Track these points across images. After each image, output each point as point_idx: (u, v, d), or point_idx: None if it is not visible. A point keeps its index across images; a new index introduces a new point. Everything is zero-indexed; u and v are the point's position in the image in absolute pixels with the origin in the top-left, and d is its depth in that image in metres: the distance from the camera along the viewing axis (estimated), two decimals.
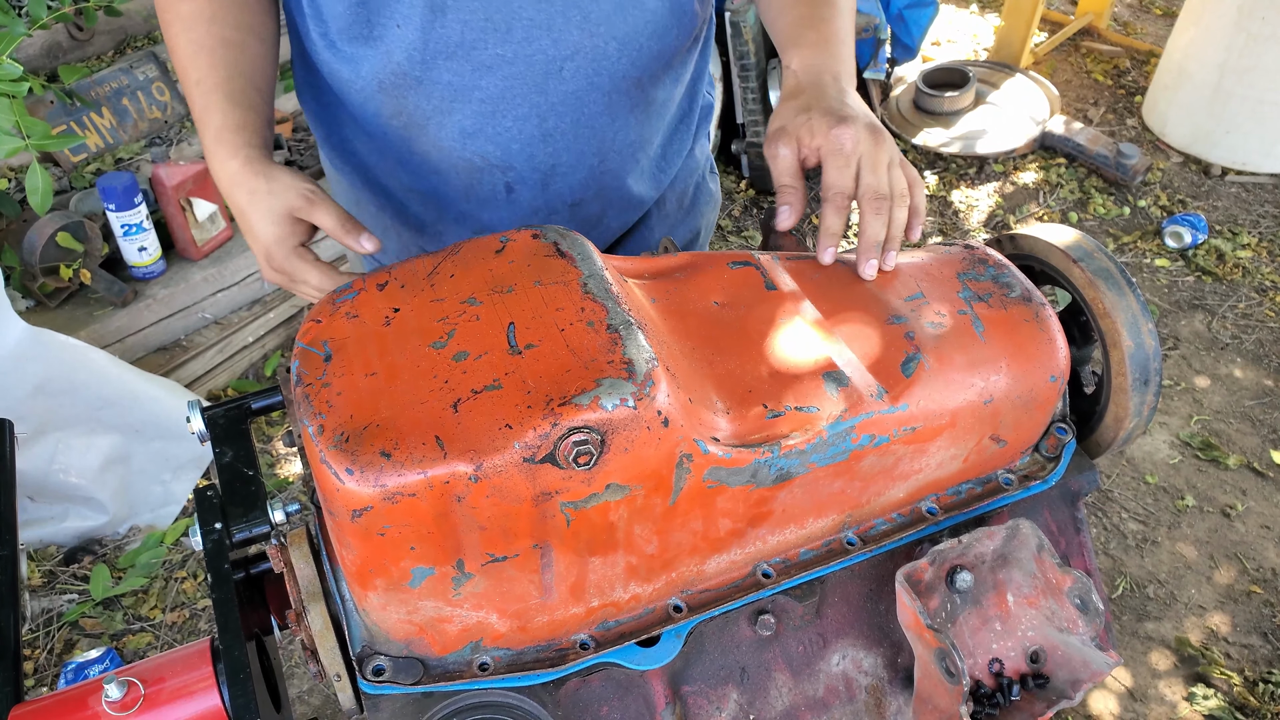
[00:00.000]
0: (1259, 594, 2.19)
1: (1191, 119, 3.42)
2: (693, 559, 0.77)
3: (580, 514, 0.68)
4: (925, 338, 0.81)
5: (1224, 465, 2.47)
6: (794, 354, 0.78)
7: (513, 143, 1.03)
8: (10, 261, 2.27)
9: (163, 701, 0.77)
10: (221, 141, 0.95)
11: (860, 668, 0.85)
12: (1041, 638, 0.82)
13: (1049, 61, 3.97)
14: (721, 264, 0.87)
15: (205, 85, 0.97)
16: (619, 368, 0.67)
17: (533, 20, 0.95)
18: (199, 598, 2.14)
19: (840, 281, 0.88)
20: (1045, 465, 0.90)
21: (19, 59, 2.34)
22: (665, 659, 0.77)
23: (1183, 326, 2.87)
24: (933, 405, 0.79)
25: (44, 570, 2.14)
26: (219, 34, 0.98)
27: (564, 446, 0.64)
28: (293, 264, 0.95)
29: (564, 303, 0.72)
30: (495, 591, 0.71)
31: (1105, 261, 0.89)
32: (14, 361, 1.89)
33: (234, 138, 0.95)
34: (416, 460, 0.63)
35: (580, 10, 0.95)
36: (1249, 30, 3.13)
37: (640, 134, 1.11)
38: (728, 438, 0.72)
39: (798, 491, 0.77)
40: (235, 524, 0.85)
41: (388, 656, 0.74)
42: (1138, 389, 0.87)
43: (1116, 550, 2.29)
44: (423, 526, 0.65)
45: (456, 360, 0.69)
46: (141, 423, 2.14)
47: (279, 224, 0.94)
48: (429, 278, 0.76)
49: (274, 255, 0.95)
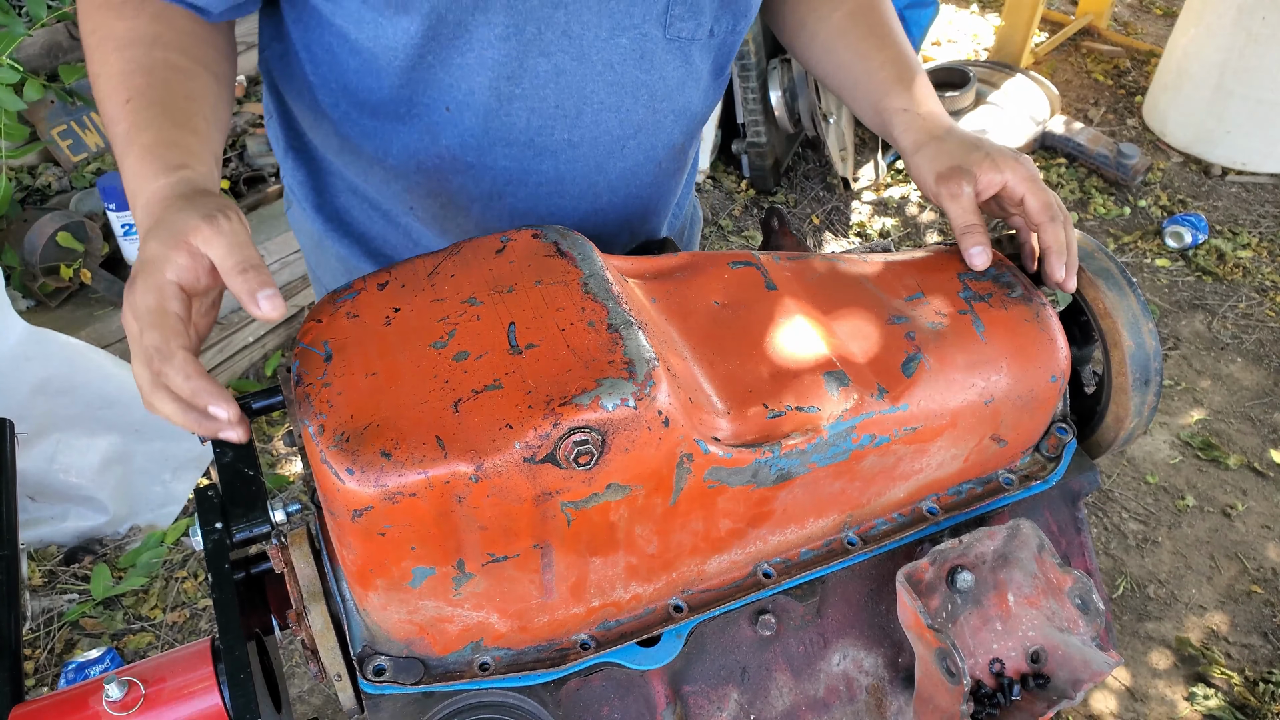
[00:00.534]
0: (1259, 594, 2.19)
1: (1192, 119, 3.42)
2: (693, 559, 0.77)
3: (581, 514, 0.68)
4: (926, 337, 0.81)
5: (1224, 465, 2.47)
6: (794, 353, 0.78)
7: (564, 220, 0.99)
8: (10, 261, 2.27)
9: (163, 702, 0.77)
10: (150, 157, 0.74)
11: (861, 668, 0.85)
12: (1042, 637, 0.82)
13: (1049, 61, 3.97)
14: (722, 264, 0.86)
15: (138, 103, 0.77)
16: (620, 367, 0.66)
17: (603, 103, 0.92)
18: (199, 598, 2.14)
19: (840, 282, 0.88)
20: (1046, 465, 0.90)
21: (19, 59, 2.34)
22: (666, 659, 0.77)
23: (1183, 326, 2.87)
24: (933, 405, 0.79)
25: (44, 570, 2.14)
26: (163, 58, 0.80)
27: (564, 446, 0.64)
28: (161, 344, 0.64)
29: (564, 302, 0.72)
30: (496, 591, 0.71)
31: (1105, 261, 0.89)
32: (14, 361, 1.89)
33: (168, 154, 0.74)
34: (417, 460, 0.63)
35: (648, 89, 0.93)
36: (1249, 30, 3.12)
37: (676, 190, 1.12)
38: (728, 437, 0.72)
39: (798, 491, 0.77)
40: (236, 524, 0.85)
41: (388, 656, 0.74)
42: (1138, 389, 0.87)
43: (1117, 550, 2.29)
44: (423, 526, 0.65)
45: (457, 360, 0.68)
46: (142, 422, 2.14)
47: (164, 263, 0.66)
48: (429, 277, 0.76)
49: (142, 319, 0.65)
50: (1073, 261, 0.86)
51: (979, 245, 0.87)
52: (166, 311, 0.65)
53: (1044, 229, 0.86)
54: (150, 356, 0.64)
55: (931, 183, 0.90)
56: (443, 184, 0.96)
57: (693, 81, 0.97)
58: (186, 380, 0.64)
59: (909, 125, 0.96)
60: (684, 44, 0.93)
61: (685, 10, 0.89)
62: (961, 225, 0.87)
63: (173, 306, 0.66)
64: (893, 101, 0.98)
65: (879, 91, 1.00)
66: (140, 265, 0.67)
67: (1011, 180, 0.87)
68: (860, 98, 1.03)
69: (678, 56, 0.93)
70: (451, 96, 0.88)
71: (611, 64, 0.89)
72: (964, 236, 0.87)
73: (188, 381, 0.64)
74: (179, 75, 0.81)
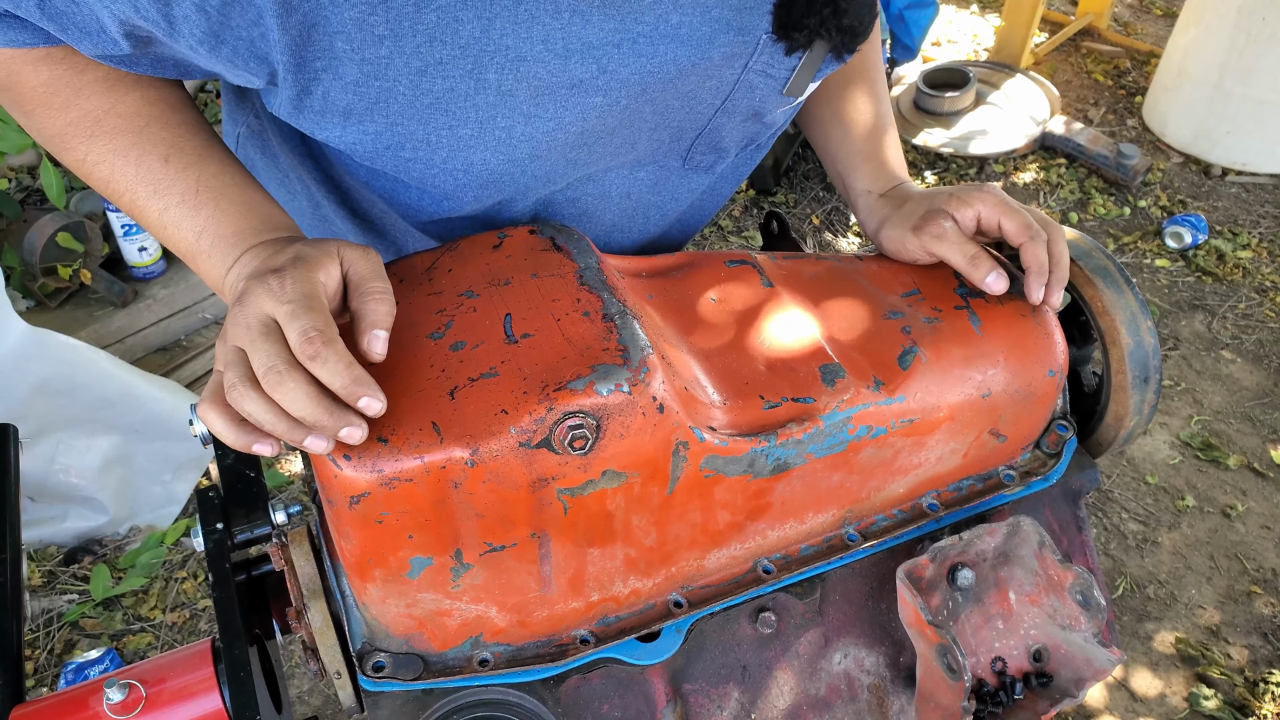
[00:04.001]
0: (1259, 594, 2.19)
1: (1192, 119, 3.42)
2: (692, 553, 0.77)
3: (577, 501, 0.68)
4: (922, 332, 0.81)
5: (1224, 465, 2.47)
6: (790, 347, 0.79)
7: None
8: (10, 261, 2.27)
9: (164, 703, 0.77)
10: (242, 229, 0.72)
11: (862, 666, 0.85)
12: (1044, 635, 0.82)
13: (1049, 62, 3.97)
14: (719, 262, 0.87)
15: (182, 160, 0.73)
16: (614, 354, 0.67)
17: (613, 225, 0.91)
18: (199, 598, 2.14)
19: (837, 279, 0.88)
20: (1046, 462, 0.90)
21: None
22: (666, 654, 0.77)
23: (1183, 327, 2.87)
24: (930, 398, 0.79)
25: (44, 570, 2.14)
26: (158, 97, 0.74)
27: (559, 431, 0.64)
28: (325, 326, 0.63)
29: (560, 294, 0.72)
30: (494, 583, 0.71)
31: (1103, 260, 0.89)
32: (14, 362, 1.88)
33: (260, 213, 0.73)
34: (413, 446, 0.63)
35: (659, 210, 0.92)
36: (1249, 30, 3.12)
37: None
38: (724, 427, 0.72)
39: (796, 484, 0.77)
40: (237, 524, 0.85)
41: (387, 653, 0.74)
42: (1137, 387, 0.87)
43: (1117, 550, 2.29)
44: (420, 514, 0.65)
45: (454, 350, 0.69)
46: (142, 423, 2.14)
47: (316, 265, 0.66)
48: (427, 273, 0.77)
49: (296, 303, 0.63)
50: (1057, 279, 0.83)
51: (992, 271, 0.83)
52: (321, 299, 0.63)
53: (1024, 250, 0.84)
54: (310, 337, 0.61)
55: (910, 244, 0.89)
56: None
57: (709, 196, 0.97)
58: (349, 367, 0.61)
59: (871, 210, 0.96)
60: (703, 171, 0.91)
61: (707, 147, 0.87)
62: (965, 257, 0.85)
63: (323, 299, 0.64)
64: (857, 182, 0.98)
65: (845, 165, 1.00)
66: (292, 260, 0.65)
67: (984, 211, 0.86)
68: (829, 162, 1.04)
69: (696, 178, 0.92)
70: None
71: (629, 194, 0.89)
72: (973, 268, 0.84)
73: (350, 369, 0.61)
74: (191, 114, 0.76)
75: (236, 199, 0.72)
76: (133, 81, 0.74)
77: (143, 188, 0.72)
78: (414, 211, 0.85)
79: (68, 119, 0.73)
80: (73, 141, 0.73)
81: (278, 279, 0.64)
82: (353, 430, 0.62)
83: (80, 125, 0.73)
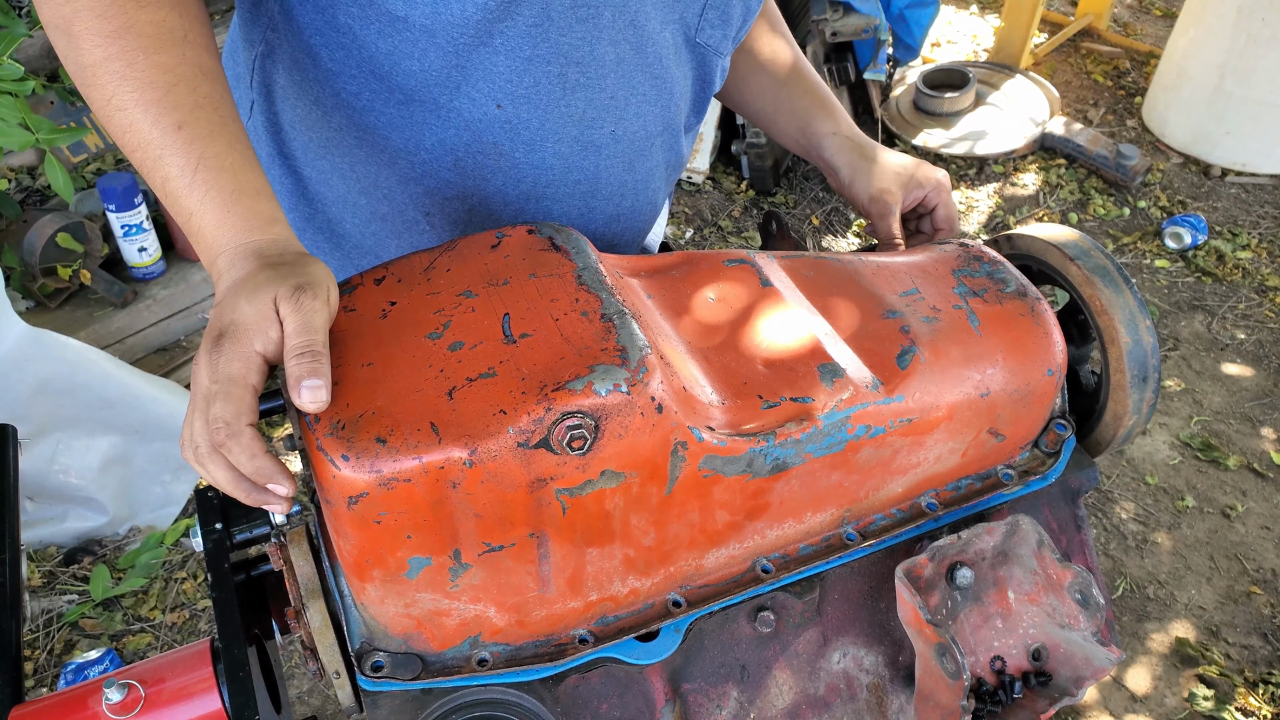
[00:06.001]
0: (1259, 594, 2.19)
1: (1191, 120, 3.42)
2: (691, 552, 0.77)
3: (576, 501, 0.68)
4: (920, 332, 0.81)
5: (1224, 466, 2.47)
6: (789, 347, 0.79)
7: (591, 224, 0.97)
8: (10, 262, 2.27)
9: (163, 703, 0.77)
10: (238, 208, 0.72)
11: (861, 666, 0.85)
12: (1043, 634, 0.82)
13: (1049, 62, 3.97)
14: (717, 262, 0.87)
15: (195, 132, 0.72)
16: (613, 354, 0.67)
17: (645, 96, 0.90)
18: (199, 598, 2.14)
19: (836, 279, 0.88)
20: (1045, 461, 0.90)
21: (19, 59, 2.34)
22: (664, 654, 0.77)
23: (1183, 327, 2.87)
24: (928, 397, 0.79)
25: (44, 571, 2.14)
26: (195, 62, 0.74)
27: (558, 431, 0.64)
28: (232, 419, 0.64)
29: (558, 294, 0.72)
30: (493, 583, 0.71)
31: (1102, 259, 0.89)
32: (14, 362, 1.89)
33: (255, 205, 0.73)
34: (412, 446, 0.63)
35: (671, 88, 0.93)
36: (1249, 31, 3.13)
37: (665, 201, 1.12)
38: (723, 426, 0.72)
39: (795, 483, 0.77)
40: (236, 525, 0.85)
41: (386, 652, 0.73)
42: (1136, 386, 0.87)
43: (1116, 551, 2.29)
44: (419, 514, 0.65)
45: (452, 350, 0.69)
46: (141, 423, 2.14)
47: (255, 334, 0.66)
48: (425, 273, 0.77)
49: (220, 384, 0.64)
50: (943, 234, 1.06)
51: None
52: (246, 385, 0.65)
53: (939, 234, 1.07)
54: (217, 428, 0.64)
55: (865, 202, 1.04)
56: (479, 184, 0.89)
57: (701, 86, 0.98)
58: (251, 459, 0.65)
59: (840, 148, 1.07)
60: (707, 52, 0.94)
61: (717, 16, 0.90)
62: (884, 239, 1.04)
63: (253, 380, 0.65)
64: (820, 126, 1.08)
65: (804, 116, 1.09)
66: (230, 326, 0.66)
67: (930, 195, 1.05)
68: (782, 122, 1.11)
69: (701, 59, 0.95)
70: (511, 86, 0.83)
71: (661, 57, 0.89)
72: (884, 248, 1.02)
73: (252, 460, 0.65)
74: (218, 87, 0.75)
75: (228, 186, 0.72)
76: (180, 36, 0.73)
77: (153, 148, 0.72)
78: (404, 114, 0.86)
79: (108, 51, 0.72)
80: (104, 78, 0.72)
81: (217, 352, 0.65)
82: (271, 508, 0.68)
83: (116, 63, 0.72)
